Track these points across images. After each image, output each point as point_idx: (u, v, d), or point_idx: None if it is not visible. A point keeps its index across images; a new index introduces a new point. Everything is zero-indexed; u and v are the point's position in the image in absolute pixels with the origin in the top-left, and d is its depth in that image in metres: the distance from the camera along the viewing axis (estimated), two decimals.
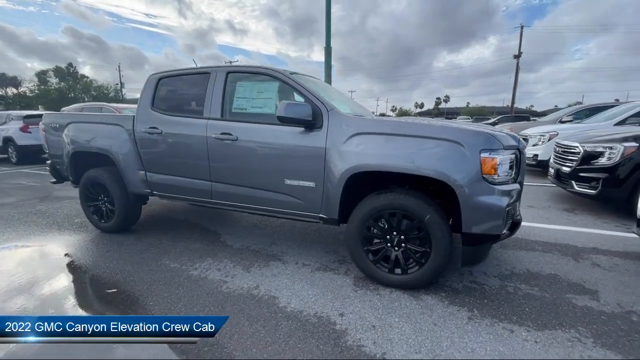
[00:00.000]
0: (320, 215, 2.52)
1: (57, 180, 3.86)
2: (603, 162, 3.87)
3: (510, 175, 2.12)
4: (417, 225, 2.20)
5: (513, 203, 2.15)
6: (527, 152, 6.22)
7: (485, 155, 2.00)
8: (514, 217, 2.31)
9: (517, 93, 33.63)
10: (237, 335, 1.84)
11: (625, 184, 3.70)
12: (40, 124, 3.71)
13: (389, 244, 2.31)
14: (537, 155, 6.50)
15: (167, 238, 3.33)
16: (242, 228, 3.64)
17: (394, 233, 2.29)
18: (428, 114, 76.72)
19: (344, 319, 1.98)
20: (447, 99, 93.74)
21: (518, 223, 2.34)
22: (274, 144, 2.54)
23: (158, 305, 2.14)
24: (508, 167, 2.09)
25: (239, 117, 2.74)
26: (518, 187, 2.19)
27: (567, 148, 4.36)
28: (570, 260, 2.76)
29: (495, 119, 18.34)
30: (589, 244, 3.11)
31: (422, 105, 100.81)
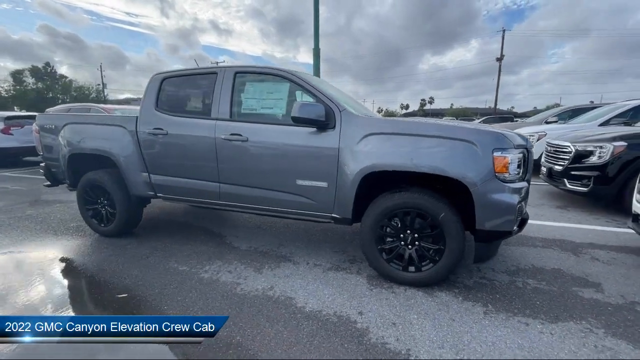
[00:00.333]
0: (333, 215, 2.53)
1: (51, 184, 3.72)
2: (594, 160, 4.04)
3: (519, 174, 2.20)
4: (430, 224, 2.24)
5: (522, 200, 2.23)
6: None
7: (498, 154, 2.07)
8: (522, 214, 2.39)
9: (498, 95, 34.60)
10: (259, 337, 1.83)
11: (615, 182, 3.89)
12: (34, 125, 3.58)
13: (403, 242, 2.35)
14: None
15: (171, 241, 3.26)
16: (246, 230, 3.61)
17: (408, 231, 2.32)
18: (413, 115, 77.85)
19: (364, 318, 2.00)
20: (431, 101, 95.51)
21: (526, 220, 2.42)
22: (286, 145, 2.53)
23: (173, 310, 2.10)
24: (517, 165, 2.16)
25: (249, 117, 2.73)
26: (526, 184, 2.27)
27: (558, 147, 4.53)
28: (571, 255, 2.88)
29: (480, 120, 18.77)
30: (586, 240, 3.24)
31: (407, 107, 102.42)
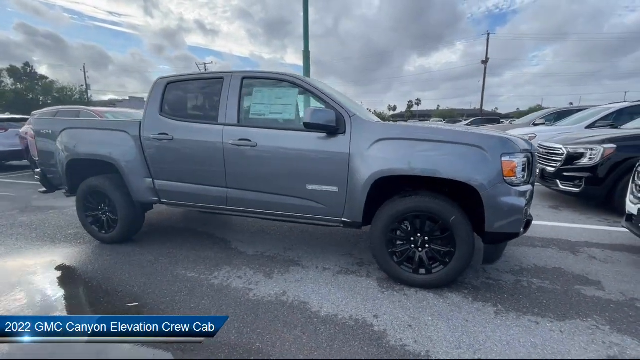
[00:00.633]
0: (343, 219, 2.56)
1: (47, 190, 3.62)
2: (585, 162, 4.20)
3: (525, 177, 2.27)
4: (441, 227, 2.30)
5: (528, 203, 2.31)
6: None
7: (506, 159, 2.14)
8: (527, 215, 2.47)
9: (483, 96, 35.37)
10: (279, 343, 1.83)
11: (605, 183, 4.05)
12: (30, 130, 3.47)
13: (413, 245, 2.40)
14: None
15: (174, 247, 3.22)
16: (250, 235, 3.59)
17: (418, 235, 2.37)
18: (401, 117, 78.74)
19: (380, 320, 2.03)
20: (418, 102, 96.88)
21: (530, 221, 2.50)
22: (296, 150, 2.55)
23: None
24: (523, 169, 2.23)
25: (257, 123, 2.73)
26: (531, 187, 2.35)
27: (551, 149, 4.69)
28: (569, 255, 2.99)
29: (468, 122, 19.20)
30: (581, 239, 3.37)
31: (394, 108, 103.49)
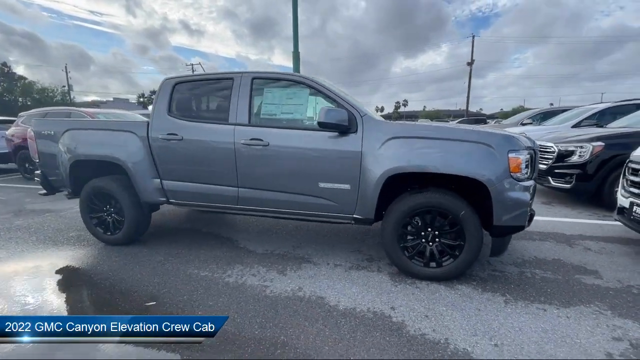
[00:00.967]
0: (354, 216, 2.63)
1: (48, 192, 3.55)
2: (575, 159, 4.40)
3: (528, 173, 2.39)
4: (451, 221, 2.39)
5: (532, 197, 2.43)
6: None
7: (512, 156, 2.25)
8: (531, 210, 2.59)
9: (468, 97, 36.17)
10: (303, 336, 1.88)
11: (595, 179, 4.26)
12: (29, 131, 3.41)
13: (424, 240, 2.48)
14: None
15: (182, 247, 3.22)
16: (256, 234, 3.62)
17: (429, 229, 2.46)
18: (388, 118, 79.62)
19: (397, 312, 2.11)
20: (405, 103, 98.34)
21: (533, 215, 2.63)
22: (308, 149, 2.60)
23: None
24: (527, 165, 2.35)
25: (268, 122, 2.77)
26: (534, 183, 2.47)
27: (542, 148, 4.88)
28: (566, 247, 3.14)
29: (456, 122, 19.60)
30: (575, 232, 3.54)
31: (382, 109, 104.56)
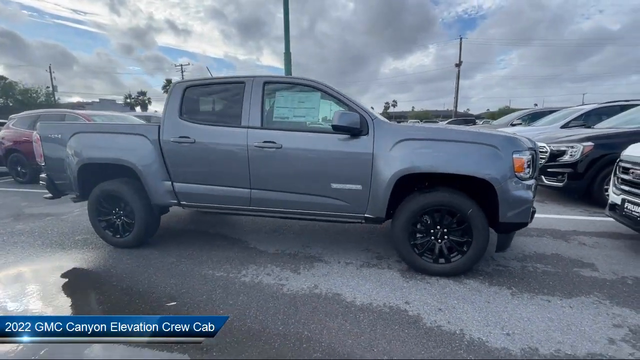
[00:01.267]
0: (365, 215, 2.72)
1: (53, 196, 3.53)
2: (567, 159, 4.61)
3: (530, 173, 2.54)
4: (459, 219, 2.51)
5: (534, 195, 2.57)
6: None
7: (516, 156, 2.39)
8: (532, 207, 2.74)
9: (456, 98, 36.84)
10: (326, 331, 1.97)
11: (585, 177, 4.48)
12: (35, 134, 3.39)
13: (433, 237, 2.60)
14: None
15: (193, 249, 3.26)
16: (265, 234, 3.68)
17: (437, 227, 2.58)
18: None
19: (412, 306, 2.21)
20: (394, 104, 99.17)
21: (534, 212, 2.77)
22: (321, 151, 2.68)
23: (232, 314, 2.15)
24: (529, 165, 2.49)
25: (281, 125, 2.85)
26: (535, 182, 2.62)
27: None
28: (562, 242, 3.31)
29: (446, 123, 19.97)
30: (569, 228, 3.73)
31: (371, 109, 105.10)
